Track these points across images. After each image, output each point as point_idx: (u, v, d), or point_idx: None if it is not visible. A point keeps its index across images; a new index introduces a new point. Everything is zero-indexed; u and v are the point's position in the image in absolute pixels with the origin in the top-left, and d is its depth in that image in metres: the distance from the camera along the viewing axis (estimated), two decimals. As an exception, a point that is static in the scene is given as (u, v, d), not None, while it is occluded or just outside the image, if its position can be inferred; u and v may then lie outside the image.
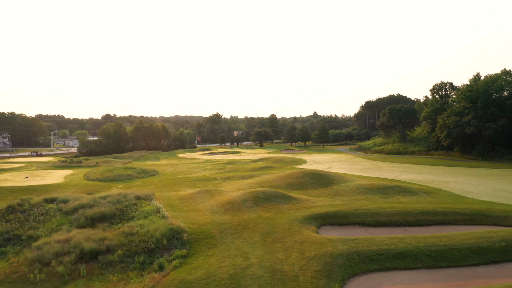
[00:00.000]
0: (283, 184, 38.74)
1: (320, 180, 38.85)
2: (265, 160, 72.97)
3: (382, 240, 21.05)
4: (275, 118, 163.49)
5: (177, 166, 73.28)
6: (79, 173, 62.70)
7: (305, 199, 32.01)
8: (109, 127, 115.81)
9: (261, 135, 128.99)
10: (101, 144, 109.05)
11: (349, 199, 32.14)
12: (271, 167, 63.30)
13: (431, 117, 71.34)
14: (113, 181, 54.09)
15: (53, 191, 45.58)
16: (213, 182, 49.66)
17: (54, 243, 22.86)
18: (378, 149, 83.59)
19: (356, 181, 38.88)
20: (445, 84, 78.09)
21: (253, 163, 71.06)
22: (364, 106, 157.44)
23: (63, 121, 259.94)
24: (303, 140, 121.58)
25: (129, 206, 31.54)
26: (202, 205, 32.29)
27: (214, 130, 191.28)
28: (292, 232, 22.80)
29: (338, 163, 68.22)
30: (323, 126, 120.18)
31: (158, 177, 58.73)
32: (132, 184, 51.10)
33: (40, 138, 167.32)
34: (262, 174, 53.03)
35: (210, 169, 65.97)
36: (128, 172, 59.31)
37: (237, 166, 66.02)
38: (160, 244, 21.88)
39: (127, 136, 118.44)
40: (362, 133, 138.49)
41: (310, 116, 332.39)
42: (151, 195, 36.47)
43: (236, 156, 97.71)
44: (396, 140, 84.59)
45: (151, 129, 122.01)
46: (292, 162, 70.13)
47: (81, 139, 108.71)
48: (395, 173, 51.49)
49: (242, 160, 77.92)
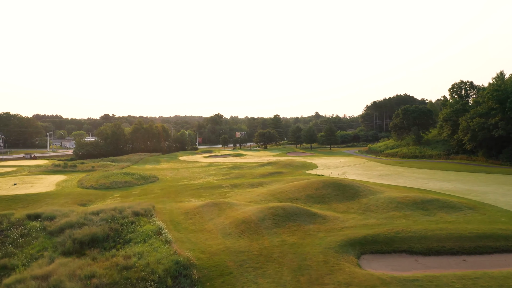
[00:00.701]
0: (301, 196, 34.01)
1: (344, 191, 34.12)
2: (273, 165, 68.24)
3: (451, 281, 16.33)
4: (279, 119, 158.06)
5: (179, 171, 68.51)
6: (72, 179, 57.93)
7: (332, 216, 27.28)
8: (106, 128, 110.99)
9: (265, 137, 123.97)
10: (98, 146, 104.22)
11: (384, 216, 27.41)
12: (280, 172, 58.57)
13: (451, 118, 66.59)
14: (109, 189, 49.32)
15: (42, 201, 40.85)
16: (219, 191, 44.95)
17: (29, 281, 18.09)
18: (392, 152, 78.89)
19: (385, 193, 34.16)
20: (464, 84, 73.32)
21: (260, 168, 66.33)
22: (371, 107, 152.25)
23: (61, 122, 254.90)
24: (309, 142, 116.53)
25: (125, 225, 26.82)
26: (211, 223, 27.56)
27: (215, 130, 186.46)
28: (330, 268, 18.06)
29: (352, 168, 63.51)
30: (330, 128, 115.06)
31: (159, 184, 53.99)
32: (130, 193, 46.34)
33: (36, 139, 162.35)
34: (273, 181, 48.32)
35: (214, 175, 61.25)
36: (126, 178, 54.53)
37: (244, 172, 61.27)
38: (164, 284, 17.11)
39: (126, 138, 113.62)
40: (370, 134, 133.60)
41: (312, 117, 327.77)
42: (151, 209, 31.75)
43: (240, 159, 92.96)
44: (411, 142, 79.84)
45: (151, 130, 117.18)
46: (302, 167, 65.41)
47: (77, 141, 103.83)
48: (419, 181, 46.78)
49: (248, 164, 73.18)
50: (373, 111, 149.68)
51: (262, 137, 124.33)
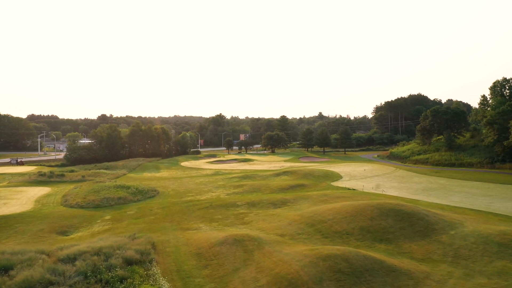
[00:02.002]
0: (354, 230, 25.26)
1: (411, 223, 25.37)
2: (290, 174, 59.42)
3: None
4: (286, 120, 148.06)
5: (182, 181, 59.68)
6: (57, 193, 49.09)
7: (418, 272, 18.50)
8: (101, 130, 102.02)
9: (273, 140, 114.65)
10: (92, 150, 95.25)
11: (492, 271, 18.62)
12: (302, 185, 49.80)
13: (496, 121, 57.95)
14: (99, 208, 40.51)
15: (10, 228, 32.09)
16: (234, 212, 36.25)
17: None
18: (421, 159, 70.08)
19: (465, 224, 25.43)
20: (507, 81, 64.69)
21: (276, 178, 57.59)
22: (384, 107, 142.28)
23: (56, 122, 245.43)
24: (321, 145, 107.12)
25: (111, 284, 18.06)
26: (237, 280, 18.85)
27: (218, 132, 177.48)
28: None
29: (384, 179, 54.79)
30: (346, 130, 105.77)
31: (159, 199, 45.23)
32: (124, 214, 37.55)
33: (28, 141, 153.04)
34: (298, 198, 39.62)
35: (223, 187, 52.54)
36: (120, 193, 45.66)
37: (258, 183, 52.49)
38: None
39: (122, 141, 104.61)
40: (385, 137, 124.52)
41: (316, 117, 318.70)
42: (150, 250, 23.08)
43: (249, 165, 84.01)
44: (442, 148, 71.03)
45: (149, 132, 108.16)
46: (325, 177, 56.69)
47: (69, 144, 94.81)
48: (479, 200, 38.07)
49: (260, 173, 64.30)
50: (387, 111, 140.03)
51: (270, 140, 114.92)
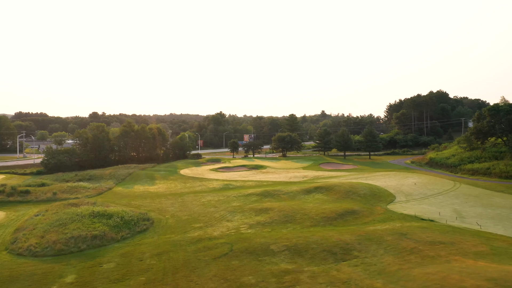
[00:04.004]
0: None
1: None
2: (325, 191, 45.51)
3: None
4: (295, 118, 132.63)
5: (184, 201, 45.66)
6: (8, 225, 34.92)
7: None
8: (87, 131, 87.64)
9: (285, 142, 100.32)
10: (75, 154, 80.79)
11: None
12: (353, 212, 35.91)
13: None
14: (61, 258, 26.47)
15: None
16: (273, 269, 22.49)
17: None
18: (478, 169, 56.39)
19: None
20: None
21: (309, 197, 43.77)
22: (407, 105, 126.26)
23: (44, 120, 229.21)
24: (342, 148, 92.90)
25: None
26: None
27: (218, 132, 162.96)
28: None
29: (453, 200, 41.10)
30: (371, 131, 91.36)
31: (154, 235, 31.27)
32: (96, 271, 23.56)
33: (9, 141, 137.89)
34: (366, 243, 25.90)
35: (241, 211, 38.73)
36: (97, 227, 31.47)
37: (288, 206, 38.58)
38: None
39: (112, 143, 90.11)
40: (409, 138, 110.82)
41: (319, 116, 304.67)
42: None
43: (263, 174, 69.82)
44: (507, 154, 57.64)
45: (143, 133, 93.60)
46: (374, 197, 42.95)
47: (47, 148, 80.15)
48: None
49: (282, 187, 50.17)
50: (411, 110, 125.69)
51: (282, 142, 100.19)
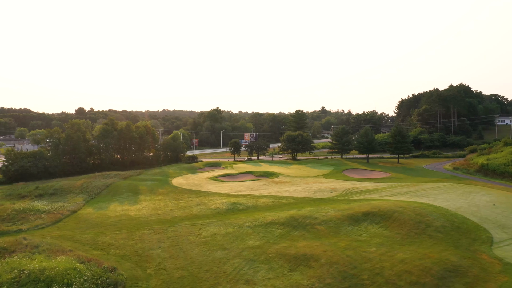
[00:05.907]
0: None
1: None
2: (383, 221, 31.63)
3: None
4: (303, 115, 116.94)
5: (177, 235, 31.27)
6: None
7: None
8: (58, 130, 72.37)
9: (295, 142, 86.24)
10: (43, 158, 65.70)
11: None
12: (459, 271, 21.94)
13: None
14: None
15: None
16: None
17: None
18: None
19: None
20: None
21: (363, 232, 29.83)
22: (426, 99, 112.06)
23: (26, 117, 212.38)
24: (366, 150, 79.93)
25: None
26: None
27: (215, 129, 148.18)
28: None
29: None
30: (400, 131, 77.27)
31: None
32: None
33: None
34: None
35: (266, 261, 24.65)
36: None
37: (337, 251, 24.64)
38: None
39: (90, 145, 75.13)
40: (435, 138, 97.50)
41: (319, 112, 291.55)
42: None
43: (277, 185, 55.39)
44: None
45: (128, 133, 78.50)
46: (458, 232, 29.28)
47: (7, 151, 65.00)
48: None
49: (310, 208, 35.97)
50: (436, 105, 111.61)
51: (292, 143, 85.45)
